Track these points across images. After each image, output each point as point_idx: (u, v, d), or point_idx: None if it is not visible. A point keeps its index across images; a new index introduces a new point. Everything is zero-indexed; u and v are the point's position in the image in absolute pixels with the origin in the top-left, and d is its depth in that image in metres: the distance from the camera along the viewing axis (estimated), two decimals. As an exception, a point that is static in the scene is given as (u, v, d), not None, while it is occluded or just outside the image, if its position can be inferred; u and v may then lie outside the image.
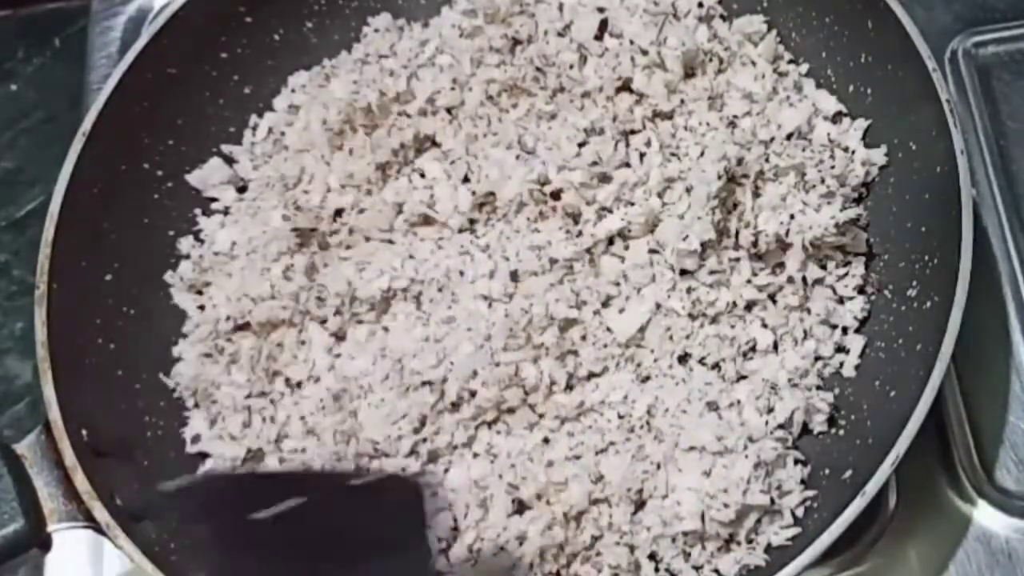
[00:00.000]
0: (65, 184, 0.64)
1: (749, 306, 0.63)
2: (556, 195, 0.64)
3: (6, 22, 0.88)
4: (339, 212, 0.68)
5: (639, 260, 0.63)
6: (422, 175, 0.69)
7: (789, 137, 0.66)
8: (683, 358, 0.63)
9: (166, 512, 0.59)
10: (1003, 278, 0.69)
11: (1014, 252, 0.70)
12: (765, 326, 0.62)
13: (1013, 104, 0.75)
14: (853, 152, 0.66)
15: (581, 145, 0.64)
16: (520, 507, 0.60)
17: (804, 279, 0.63)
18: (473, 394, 0.61)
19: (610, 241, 0.65)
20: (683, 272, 0.63)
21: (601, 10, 0.69)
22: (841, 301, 0.64)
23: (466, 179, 0.67)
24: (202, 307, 0.67)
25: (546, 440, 0.61)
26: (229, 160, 0.72)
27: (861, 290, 0.64)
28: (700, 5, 0.70)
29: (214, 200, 0.71)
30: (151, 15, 0.84)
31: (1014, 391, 0.66)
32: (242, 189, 0.72)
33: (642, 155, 0.65)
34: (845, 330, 0.63)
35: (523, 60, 0.69)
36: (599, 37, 0.68)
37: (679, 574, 0.58)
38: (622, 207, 0.64)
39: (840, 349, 0.63)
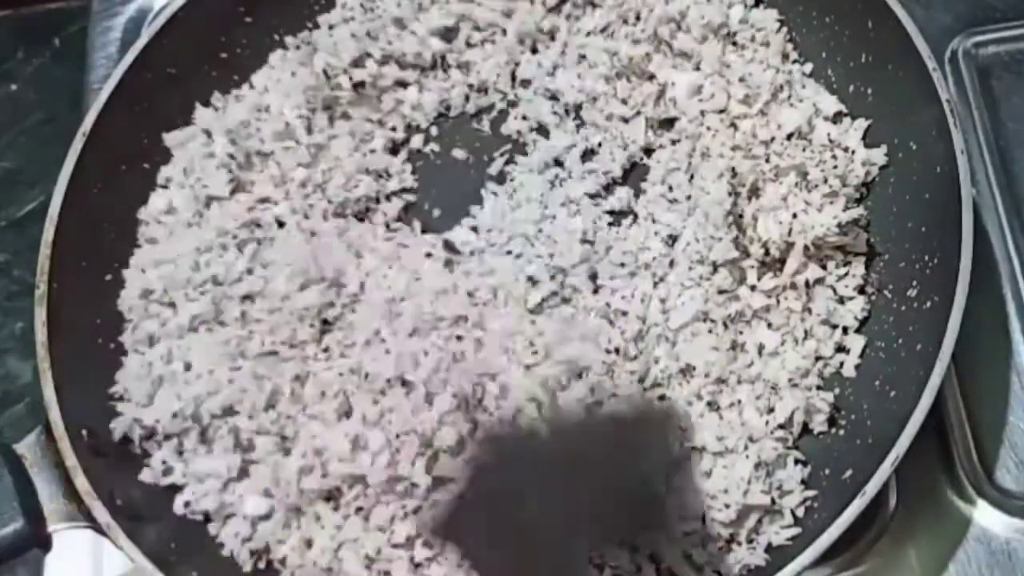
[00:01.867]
0: (65, 184, 0.64)
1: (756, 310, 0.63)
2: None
3: (6, 22, 0.88)
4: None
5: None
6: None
7: (789, 137, 0.66)
8: (685, 370, 0.62)
9: (166, 512, 0.60)
10: (1003, 278, 0.69)
11: (1014, 252, 0.70)
12: (771, 326, 0.63)
13: (1013, 104, 0.75)
14: (853, 152, 0.66)
15: None
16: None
17: (806, 281, 0.63)
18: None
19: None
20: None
21: None
22: (842, 301, 0.64)
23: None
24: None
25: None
26: (208, 135, 0.71)
27: (861, 290, 0.64)
28: None
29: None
30: (151, 15, 0.84)
31: (1014, 391, 0.66)
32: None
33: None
34: (845, 330, 0.63)
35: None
36: None
37: (680, 574, 0.58)
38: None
39: (840, 349, 0.63)
